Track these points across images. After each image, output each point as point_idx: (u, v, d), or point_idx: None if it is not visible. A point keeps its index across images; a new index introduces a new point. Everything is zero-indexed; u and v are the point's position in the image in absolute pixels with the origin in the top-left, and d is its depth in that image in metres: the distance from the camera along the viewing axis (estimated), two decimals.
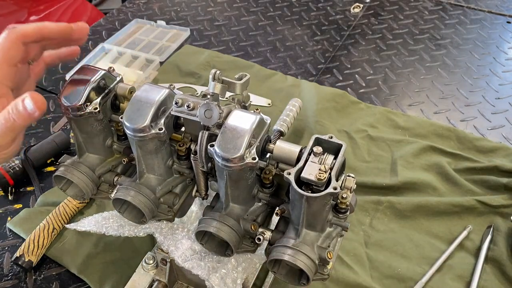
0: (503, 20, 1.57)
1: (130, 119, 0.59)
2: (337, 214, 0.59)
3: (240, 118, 0.57)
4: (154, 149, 0.62)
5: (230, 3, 1.66)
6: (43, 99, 0.58)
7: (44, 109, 0.58)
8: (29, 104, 0.57)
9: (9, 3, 1.99)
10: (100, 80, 0.64)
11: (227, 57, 1.38)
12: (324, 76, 1.33)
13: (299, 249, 0.57)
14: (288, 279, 0.62)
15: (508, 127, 1.16)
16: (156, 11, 1.61)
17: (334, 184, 0.53)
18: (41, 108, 0.58)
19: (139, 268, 0.78)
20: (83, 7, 2.10)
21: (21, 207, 0.95)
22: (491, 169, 1.01)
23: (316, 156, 0.56)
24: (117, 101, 0.67)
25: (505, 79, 1.32)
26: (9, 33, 0.61)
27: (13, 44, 0.61)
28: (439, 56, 1.40)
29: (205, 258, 0.68)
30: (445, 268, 0.86)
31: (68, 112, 0.63)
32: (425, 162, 1.04)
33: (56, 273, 0.85)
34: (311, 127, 1.13)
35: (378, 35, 1.50)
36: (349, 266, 0.85)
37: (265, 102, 1.21)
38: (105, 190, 0.70)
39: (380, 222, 0.93)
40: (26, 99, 0.57)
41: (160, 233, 0.70)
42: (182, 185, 0.69)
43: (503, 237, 0.90)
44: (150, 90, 0.62)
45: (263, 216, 0.65)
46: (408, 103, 1.24)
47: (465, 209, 0.94)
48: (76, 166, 0.67)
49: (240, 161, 0.55)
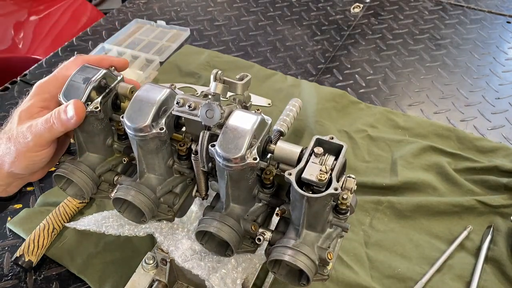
0: (503, 20, 1.57)
1: (131, 119, 0.59)
2: (337, 215, 0.59)
3: (241, 118, 0.57)
4: (155, 148, 0.62)
5: (230, 3, 1.66)
6: (83, 107, 0.63)
7: (82, 117, 0.63)
8: (70, 110, 0.62)
9: (9, 3, 1.98)
10: (101, 80, 0.64)
11: (227, 57, 1.38)
12: (324, 76, 1.33)
13: (300, 250, 0.57)
14: (288, 280, 0.62)
15: (508, 127, 1.16)
16: (156, 11, 1.61)
17: (335, 185, 0.53)
18: (79, 114, 0.63)
19: (139, 268, 0.78)
20: (83, 7, 2.10)
21: (21, 207, 0.95)
22: (491, 169, 1.01)
23: (317, 157, 0.56)
24: (117, 101, 0.67)
25: (505, 79, 1.32)
26: (76, 58, 0.70)
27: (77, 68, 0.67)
28: (439, 56, 1.41)
29: (205, 258, 0.68)
30: (445, 268, 0.86)
31: None
32: (425, 162, 1.04)
33: (56, 273, 0.85)
34: (311, 127, 1.13)
35: (378, 35, 1.50)
36: (349, 266, 0.85)
37: (265, 102, 1.21)
38: (105, 190, 0.70)
39: (380, 222, 0.93)
40: (69, 105, 0.63)
41: (160, 233, 0.70)
42: (182, 185, 0.68)
43: (503, 237, 0.90)
44: (151, 90, 0.62)
45: (263, 216, 0.65)
46: (408, 103, 1.24)
47: (465, 209, 0.94)
48: (76, 165, 0.67)
49: (241, 161, 0.55)
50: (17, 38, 1.87)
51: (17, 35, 1.87)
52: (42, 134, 0.64)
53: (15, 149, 0.65)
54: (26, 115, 0.66)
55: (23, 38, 1.88)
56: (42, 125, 0.64)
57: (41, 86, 0.68)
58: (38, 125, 0.64)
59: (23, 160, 0.65)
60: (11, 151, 0.65)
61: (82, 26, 1.95)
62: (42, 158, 0.67)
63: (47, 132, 0.64)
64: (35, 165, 0.67)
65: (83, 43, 1.45)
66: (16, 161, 0.65)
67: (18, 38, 1.87)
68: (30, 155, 0.65)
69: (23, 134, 0.64)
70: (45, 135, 0.64)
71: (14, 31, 1.87)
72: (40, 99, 0.67)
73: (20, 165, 0.66)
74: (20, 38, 1.87)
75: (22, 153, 0.65)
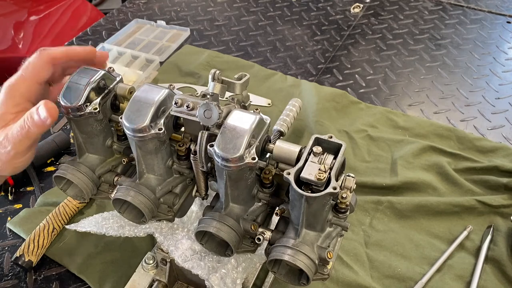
0: (503, 20, 1.57)
1: (130, 119, 0.59)
2: (337, 214, 0.59)
3: (239, 118, 0.57)
4: (154, 149, 0.62)
5: (230, 3, 1.66)
6: (56, 107, 0.63)
7: (55, 117, 0.63)
8: (43, 112, 0.62)
9: (9, 3, 1.98)
10: (100, 80, 0.64)
11: (227, 57, 1.38)
12: (324, 76, 1.33)
13: (299, 249, 0.57)
14: (288, 279, 0.62)
15: (508, 127, 1.16)
16: (156, 11, 1.61)
17: (333, 184, 0.53)
18: (53, 115, 0.62)
19: (139, 268, 0.78)
20: (83, 7, 2.10)
21: (21, 207, 0.95)
22: (491, 169, 1.01)
23: (316, 156, 0.56)
24: (117, 101, 0.67)
25: (505, 79, 1.32)
26: (41, 54, 0.67)
27: (45, 64, 0.66)
28: (439, 56, 1.40)
29: (205, 258, 0.68)
30: (445, 268, 0.86)
31: (68, 112, 0.63)
32: (425, 162, 1.04)
33: (56, 273, 0.85)
34: (311, 127, 1.13)
35: (378, 35, 1.50)
36: (349, 266, 0.85)
37: (265, 102, 1.21)
38: (105, 190, 0.70)
39: (380, 222, 0.93)
40: (40, 107, 0.62)
41: (160, 233, 0.70)
42: (182, 185, 0.68)
43: (503, 237, 0.90)
44: (150, 90, 0.62)
45: (263, 216, 0.65)
46: (408, 103, 1.24)
47: (465, 209, 0.94)
48: (76, 166, 0.67)
49: (239, 161, 0.55)
50: (17, 38, 1.87)
51: (17, 35, 1.87)
52: (20, 140, 0.63)
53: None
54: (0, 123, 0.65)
55: (23, 38, 1.88)
56: (18, 132, 0.63)
57: (11, 89, 0.66)
58: (14, 133, 0.63)
59: (9, 167, 0.67)
60: None
61: (82, 26, 1.95)
62: (27, 161, 0.68)
63: (24, 138, 0.63)
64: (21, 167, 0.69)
65: (83, 43, 1.45)
66: (2, 168, 0.67)
67: (18, 38, 1.87)
68: (14, 162, 0.66)
69: (2, 144, 0.64)
70: (24, 141, 0.64)
71: (14, 31, 1.87)
72: (12, 104, 0.66)
73: (7, 170, 0.68)
74: (20, 38, 1.87)
75: (6, 162, 0.66)
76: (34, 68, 0.66)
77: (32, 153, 0.68)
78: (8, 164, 0.66)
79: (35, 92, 0.67)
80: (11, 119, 0.65)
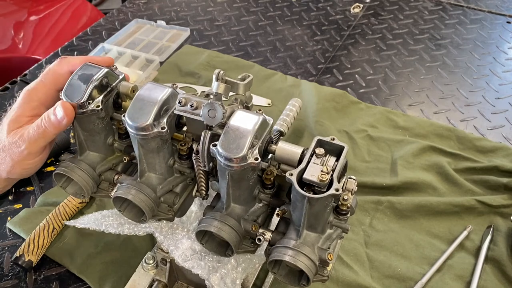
0: (503, 20, 1.57)
1: (133, 118, 0.59)
2: (337, 215, 0.59)
3: (243, 118, 0.57)
4: (156, 148, 0.62)
5: (230, 3, 1.66)
6: (72, 108, 0.63)
7: (72, 117, 0.63)
8: (60, 112, 0.62)
9: (9, 3, 1.98)
10: (102, 78, 0.64)
11: (227, 57, 1.37)
12: (324, 76, 1.33)
13: (300, 250, 0.57)
14: (288, 280, 0.62)
15: (508, 127, 1.17)
16: (156, 11, 1.61)
17: (336, 186, 0.53)
18: (70, 115, 0.63)
19: (139, 268, 0.78)
20: (83, 7, 2.09)
21: (21, 207, 0.95)
22: (491, 169, 1.01)
23: (318, 157, 0.56)
24: (119, 99, 0.67)
25: (505, 79, 1.32)
26: (61, 61, 0.68)
27: (64, 72, 0.67)
28: (439, 56, 1.41)
29: (205, 258, 0.68)
30: (445, 268, 0.86)
31: None
32: (425, 162, 1.04)
33: (56, 273, 0.85)
34: (311, 127, 1.13)
35: (378, 35, 1.50)
36: (349, 266, 0.85)
37: (265, 102, 1.21)
38: (105, 189, 0.70)
39: (380, 222, 0.93)
40: (57, 107, 0.63)
41: (160, 232, 0.70)
42: (183, 185, 0.68)
43: (503, 237, 0.90)
44: (153, 89, 0.62)
45: (264, 216, 0.65)
46: (408, 103, 1.24)
47: (465, 209, 0.94)
48: (77, 164, 0.67)
49: (242, 161, 0.55)
50: (17, 38, 1.86)
51: (17, 35, 1.87)
52: (35, 140, 0.65)
53: (10, 159, 0.66)
54: (15, 125, 0.67)
55: (23, 38, 1.87)
56: (34, 132, 0.64)
57: (30, 93, 0.68)
58: (30, 132, 0.65)
59: (19, 168, 0.68)
60: (6, 161, 0.67)
61: (82, 26, 1.94)
62: (37, 164, 0.69)
63: (40, 137, 0.65)
64: (31, 170, 0.69)
65: (83, 43, 1.45)
66: (12, 170, 0.67)
67: (18, 38, 1.86)
68: (25, 163, 0.67)
69: (16, 143, 0.65)
70: (39, 141, 0.65)
71: (14, 31, 1.87)
72: (29, 108, 0.67)
73: (17, 172, 0.68)
74: (20, 38, 1.87)
75: (17, 162, 0.66)
76: (54, 75, 0.68)
77: (43, 157, 0.69)
78: (18, 164, 0.67)
79: (52, 98, 0.68)
80: (26, 121, 0.67)
